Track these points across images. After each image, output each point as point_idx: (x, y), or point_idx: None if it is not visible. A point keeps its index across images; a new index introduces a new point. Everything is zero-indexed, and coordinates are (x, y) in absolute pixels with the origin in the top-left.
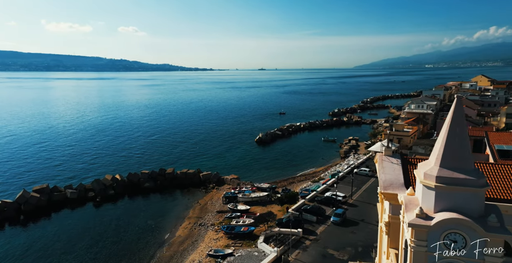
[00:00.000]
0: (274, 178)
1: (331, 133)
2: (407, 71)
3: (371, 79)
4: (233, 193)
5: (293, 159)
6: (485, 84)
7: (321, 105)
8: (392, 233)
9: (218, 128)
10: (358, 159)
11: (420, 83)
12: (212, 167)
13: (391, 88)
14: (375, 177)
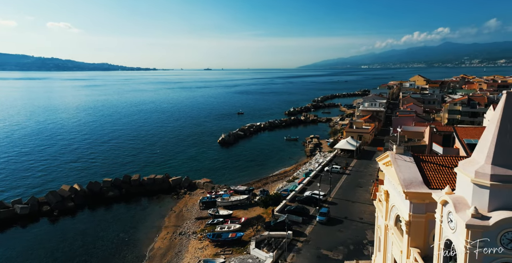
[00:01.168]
0: (246, 179)
1: (291, 131)
2: (347, 72)
3: (316, 79)
4: (210, 198)
5: (261, 159)
6: (421, 83)
7: (276, 105)
8: (413, 232)
9: (176, 131)
10: (325, 157)
11: (360, 82)
12: (179, 171)
13: (336, 88)
14: (346, 174)
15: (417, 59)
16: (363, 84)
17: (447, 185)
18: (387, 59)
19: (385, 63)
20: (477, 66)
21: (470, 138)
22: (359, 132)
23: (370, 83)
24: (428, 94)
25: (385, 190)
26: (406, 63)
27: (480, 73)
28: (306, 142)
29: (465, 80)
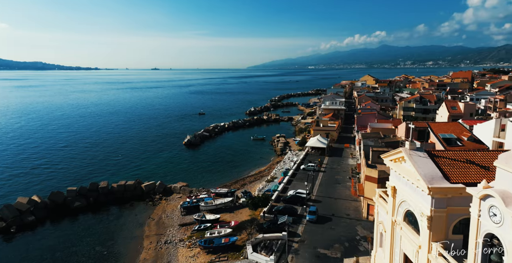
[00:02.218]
0: (223, 181)
1: (255, 131)
2: (295, 72)
3: (268, 79)
4: (191, 202)
5: (233, 160)
6: (371, 83)
7: (235, 105)
8: (435, 226)
9: (137, 133)
10: (298, 156)
11: (311, 82)
12: (149, 176)
13: (289, 87)
14: (321, 172)
15: (359, 60)
16: (313, 84)
17: (464, 178)
18: (331, 60)
19: (330, 64)
20: (410, 67)
21: (444, 133)
22: (326, 130)
23: (320, 83)
24: (381, 93)
25: (392, 186)
26: (349, 64)
27: (414, 74)
28: (273, 141)
29: (408, 80)
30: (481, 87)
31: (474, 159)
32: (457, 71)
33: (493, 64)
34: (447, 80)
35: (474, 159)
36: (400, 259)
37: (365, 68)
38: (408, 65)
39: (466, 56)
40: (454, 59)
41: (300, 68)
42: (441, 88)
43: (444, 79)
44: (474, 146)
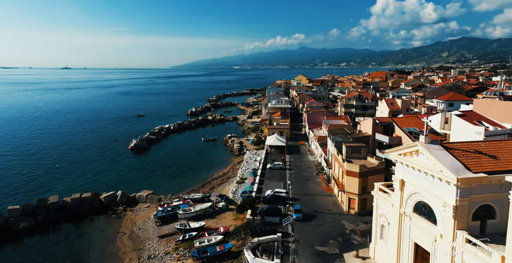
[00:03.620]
0: (188, 186)
1: (202, 132)
2: (222, 72)
3: (197, 79)
4: (166, 211)
5: (190, 163)
6: (305, 82)
7: (172, 105)
8: (459, 215)
9: (73, 140)
10: (258, 155)
11: (241, 82)
12: (104, 186)
13: (221, 87)
14: (288, 169)
15: (281, 61)
16: (244, 83)
17: (483, 168)
18: (255, 61)
19: (254, 64)
20: (327, 68)
21: (407, 127)
22: (279, 128)
23: (250, 82)
24: (318, 92)
25: (400, 179)
26: (272, 64)
27: (333, 74)
28: (226, 141)
29: (335, 79)
30: (396, 85)
31: (481, 149)
32: (374, 72)
33: (393, 65)
34: (369, 79)
35: (481, 149)
36: (409, 249)
37: (287, 69)
38: (325, 66)
39: (372, 58)
40: (363, 61)
41: (226, 68)
42: (367, 87)
43: (366, 78)
44: (435, 137)
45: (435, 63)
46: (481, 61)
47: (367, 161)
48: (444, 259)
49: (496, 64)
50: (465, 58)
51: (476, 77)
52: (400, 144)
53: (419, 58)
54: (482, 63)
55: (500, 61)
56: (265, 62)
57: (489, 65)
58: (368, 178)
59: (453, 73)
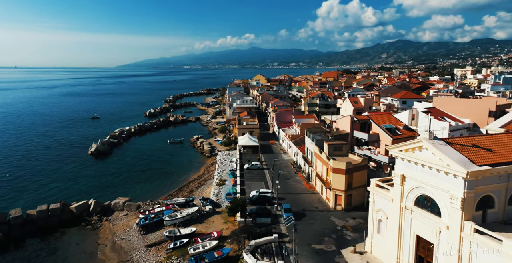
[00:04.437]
0: (165, 190)
1: (164, 134)
2: (172, 71)
3: (148, 79)
4: (149, 219)
5: (161, 167)
6: (264, 81)
7: (127, 107)
8: (466, 207)
9: (23, 146)
10: (232, 155)
11: (195, 82)
12: (71, 195)
13: (175, 87)
14: (265, 169)
15: (232, 61)
16: (198, 83)
17: (485, 161)
18: (206, 60)
19: (205, 64)
20: (277, 68)
21: (384, 124)
22: (249, 128)
23: (204, 82)
24: (279, 91)
25: (401, 174)
26: (223, 64)
27: (285, 74)
28: (193, 143)
29: (291, 79)
30: (347, 84)
31: (477, 143)
32: (326, 72)
33: (339, 65)
34: (324, 79)
35: (477, 143)
36: (411, 241)
37: (239, 68)
38: (276, 66)
39: (319, 59)
40: (311, 61)
41: (176, 68)
42: (323, 86)
43: (321, 78)
44: (410, 133)
45: (376, 63)
46: (415, 62)
47: (349, 157)
48: (451, 249)
49: (427, 65)
50: (401, 59)
51: (416, 77)
52: (378, 140)
53: (362, 59)
54: (416, 64)
55: (431, 62)
56: (216, 62)
57: (422, 66)
58: (353, 174)
59: (395, 73)
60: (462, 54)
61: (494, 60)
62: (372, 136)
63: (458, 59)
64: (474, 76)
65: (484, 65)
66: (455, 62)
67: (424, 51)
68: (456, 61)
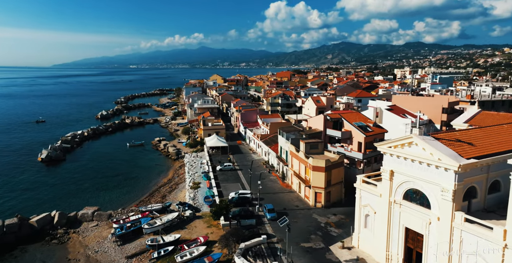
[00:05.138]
0: (135, 197)
1: (122, 136)
2: (117, 71)
3: (92, 79)
4: (126, 228)
5: (123, 172)
6: (220, 81)
7: (75, 109)
8: (456, 198)
9: None
10: (201, 157)
11: (145, 82)
12: (27, 208)
13: (123, 88)
14: (239, 170)
15: (181, 61)
16: (148, 83)
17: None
18: (154, 60)
19: (153, 63)
20: (228, 68)
21: (355, 121)
22: (215, 129)
23: (155, 82)
24: (238, 91)
25: (390, 170)
26: (172, 64)
27: (235, 74)
28: (155, 145)
29: (247, 79)
30: (301, 84)
31: (459, 138)
32: (280, 71)
33: (288, 66)
34: (279, 79)
35: (459, 138)
36: (400, 233)
37: (189, 68)
38: (226, 66)
39: (269, 59)
40: (261, 61)
41: (120, 67)
42: (280, 86)
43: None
44: (380, 130)
45: (322, 64)
46: (357, 63)
47: (326, 155)
48: (441, 239)
49: (369, 65)
50: (345, 60)
51: (362, 77)
52: (350, 137)
53: (309, 59)
54: (358, 64)
55: (372, 63)
56: (164, 61)
57: (364, 66)
58: (331, 171)
59: (342, 74)
60: (398, 56)
61: (425, 62)
62: (345, 133)
63: (395, 61)
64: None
65: (417, 66)
66: (393, 63)
67: (365, 52)
68: (393, 62)
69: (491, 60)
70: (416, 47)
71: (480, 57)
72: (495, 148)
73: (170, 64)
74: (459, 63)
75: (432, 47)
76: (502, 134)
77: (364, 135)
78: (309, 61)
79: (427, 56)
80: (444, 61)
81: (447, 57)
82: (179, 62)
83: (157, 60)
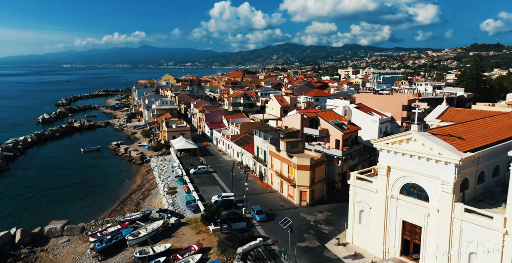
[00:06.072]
0: (102, 207)
1: (70, 141)
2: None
3: (22, 79)
4: (106, 241)
5: (84, 180)
6: (173, 82)
7: (9, 113)
8: (456, 190)
9: None
10: (170, 161)
11: (85, 82)
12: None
13: (60, 89)
14: (214, 172)
15: (121, 60)
16: (89, 84)
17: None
18: (91, 58)
19: (90, 63)
20: (173, 68)
21: (331, 119)
22: (180, 130)
23: (96, 82)
24: (195, 91)
25: (387, 166)
26: (111, 63)
27: (183, 73)
28: (114, 150)
29: (199, 79)
30: (254, 84)
31: (449, 132)
32: (231, 71)
33: (234, 66)
34: (232, 79)
35: (449, 132)
36: (397, 226)
37: (131, 68)
38: (171, 65)
39: (215, 59)
40: (207, 61)
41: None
42: (235, 86)
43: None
44: (354, 127)
45: (268, 64)
46: (301, 63)
47: (307, 154)
48: (441, 229)
49: (312, 66)
50: (290, 60)
51: (311, 77)
52: (327, 135)
53: (255, 60)
54: (302, 65)
55: (314, 64)
56: (103, 60)
57: (308, 67)
58: (315, 169)
59: (291, 74)
60: (338, 57)
61: (362, 63)
62: (322, 131)
63: (335, 61)
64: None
65: (356, 66)
66: (334, 64)
67: (308, 53)
68: (334, 63)
69: (418, 62)
70: (354, 49)
71: (409, 59)
72: (482, 141)
73: (109, 63)
74: (392, 64)
75: (367, 49)
76: (482, 128)
77: (341, 132)
78: (255, 61)
79: (363, 57)
80: (379, 62)
81: (381, 59)
82: (119, 62)
83: (95, 59)
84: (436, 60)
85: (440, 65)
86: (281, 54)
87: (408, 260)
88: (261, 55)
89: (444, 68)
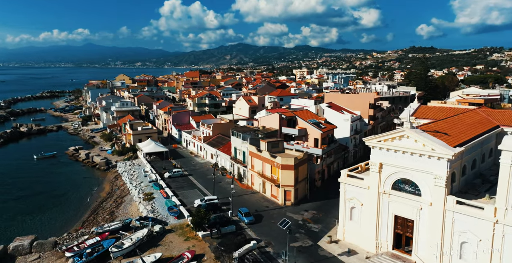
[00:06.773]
0: (72, 219)
1: (16, 148)
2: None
3: None
4: (86, 255)
5: (44, 190)
6: (128, 82)
7: None
8: (448, 184)
9: None
10: (139, 165)
11: (22, 83)
12: None
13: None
14: (189, 175)
15: (63, 59)
16: (28, 84)
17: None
18: (26, 57)
19: (26, 61)
20: (122, 67)
21: (309, 118)
22: (146, 133)
23: (37, 83)
24: (154, 92)
25: (379, 162)
26: (51, 62)
27: (133, 74)
28: (73, 156)
29: (155, 80)
30: (214, 84)
31: (437, 129)
32: (187, 71)
33: (187, 66)
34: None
35: (437, 129)
36: (389, 221)
37: (74, 67)
38: (119, 65)
39: (167, 58)
40: (158, 61)
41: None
42: (195, 86)
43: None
44: (331, 126)
45: (221, 64)
46: (255, 63)
47: (287, 153)
48: (434, 221)
49: (266, 66)
50: (243, 61)
51: (267, 77)
52: (306, 134)
53: (208, 60)
54: (256, 65)
55: (268, 64)
56: (41, 59)
57: (262, 67)
58: (299, 169)
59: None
60: (290, 58)
61: (313, 63)
62: (301, 130)
63: (288, 62)
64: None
65: (307, 67)
66: (286, 64)
67: (261, 54)
68: (287, 63)
69: (364, 63)
70: (305, 50)
71: (356, 60)
72: (464, 136)
73: (49, 62)
74: (341, 64)
75: (317, 50)
76: (459, 124)
77: (320, 131)
78: (209, 61)
79: (314, 58)
80: (329, 63)
81: (330, 60)
82: (60, 61)
83: (31, 58)
84: (380, 61)
85: (385, 66)
86: (235, 54)
87: (400, 253)
88: (214, 55)
89: (388, 68)
